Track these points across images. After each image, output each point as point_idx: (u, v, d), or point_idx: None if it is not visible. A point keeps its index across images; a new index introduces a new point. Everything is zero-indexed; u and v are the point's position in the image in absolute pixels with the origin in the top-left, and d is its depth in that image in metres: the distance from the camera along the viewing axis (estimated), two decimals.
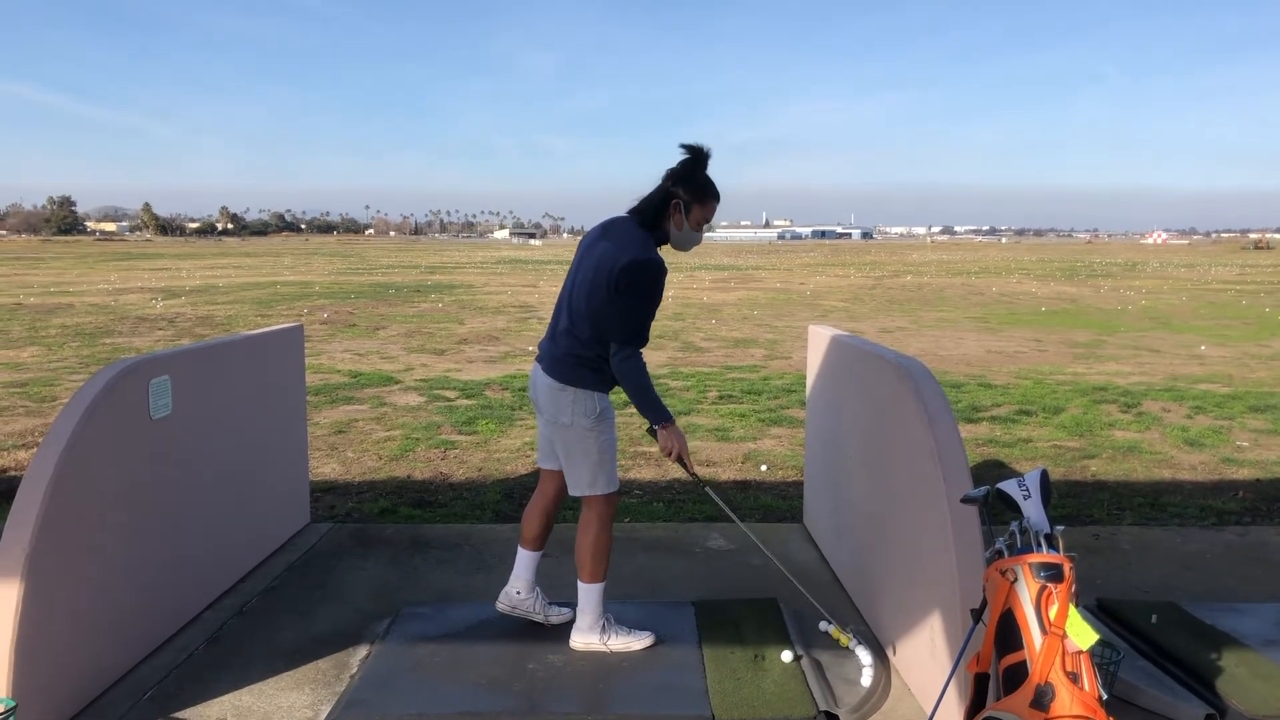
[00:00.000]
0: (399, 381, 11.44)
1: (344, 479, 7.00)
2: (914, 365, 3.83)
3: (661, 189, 3.70)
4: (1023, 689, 2.52)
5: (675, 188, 3.67)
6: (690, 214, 3.69)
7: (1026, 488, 2.85)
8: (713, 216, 3.76)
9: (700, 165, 3.69)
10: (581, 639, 3.91)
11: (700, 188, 3.69)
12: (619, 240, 3.65)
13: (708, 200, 3.71)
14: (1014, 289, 30.74)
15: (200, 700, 3.55)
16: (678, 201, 3.67)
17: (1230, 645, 3.87)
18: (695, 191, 3.68)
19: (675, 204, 3.67)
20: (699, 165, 3.69)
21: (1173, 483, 6.95)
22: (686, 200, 3.67)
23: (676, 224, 3.70)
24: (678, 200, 3.67)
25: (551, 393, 3.77)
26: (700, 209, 3.70)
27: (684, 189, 3.67)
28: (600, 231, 3.79)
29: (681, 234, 3.73)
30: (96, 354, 13.76)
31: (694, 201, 3.68)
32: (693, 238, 3.76)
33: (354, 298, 25.41)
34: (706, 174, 3.72)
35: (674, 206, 3.67)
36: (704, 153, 3.69)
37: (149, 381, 3.84)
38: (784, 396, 10.39)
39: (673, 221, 3.70)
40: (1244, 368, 12.86)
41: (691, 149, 3.68)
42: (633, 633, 3.93)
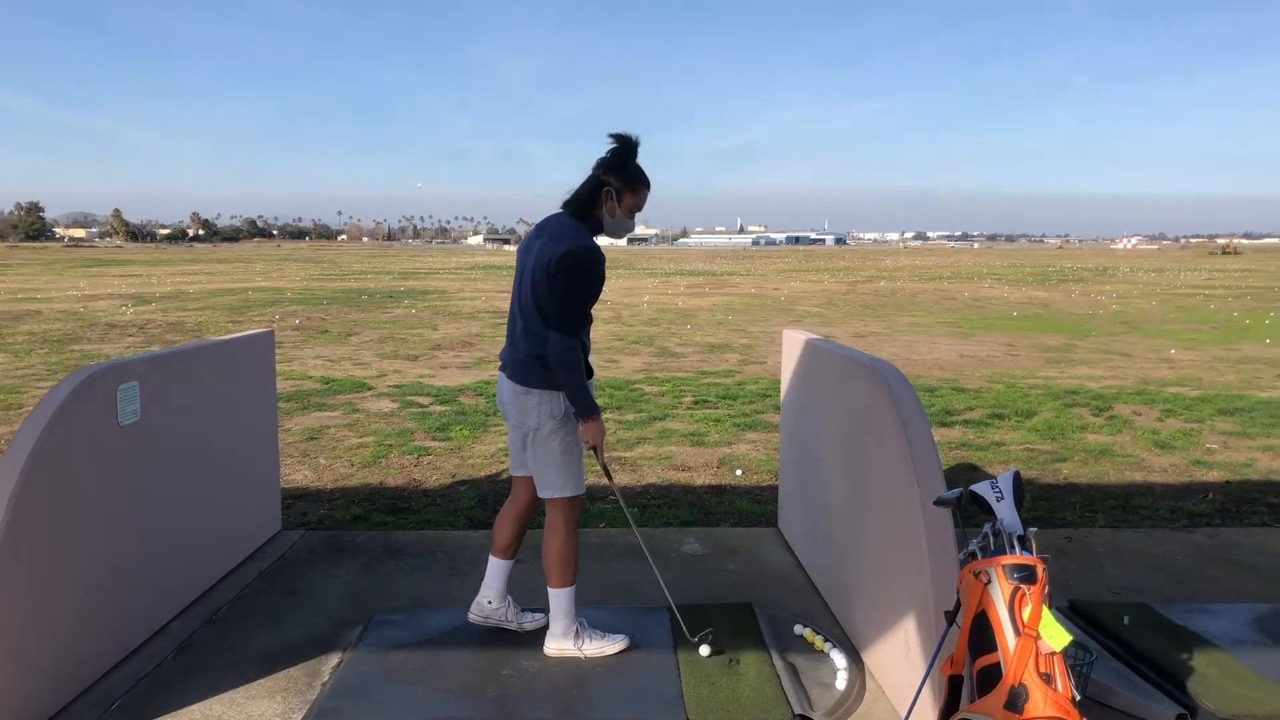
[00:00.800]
0: (372, 388, 11.37)
1: (316, 486, 6.94)
2: (888, 369, 3.84)
3: (592, 178, 3.75)
4: (997, 690, 2.52)
5: (606, 176, 3.73)
6: (622, 201, 3.75)
7: (999, 490, 2.86)
8: (644, 204, 3.81)
9: (630, 154, 3.75)
10: (556, 645, 3.89)
11: (631, 175, 3.74)
12: (554, 233, 3.70)
13: (639, 187, 3.77)
14: (986, 294, 30.95)
15: (170, 710, 3.50)
16: (609, 189, 3.72)
17: (1201, 646, 3.89)
18: (626, 179, 3.73)
19: (607, 191, 3.72)
20: (629, 154, 3.75)
21: (1144, 485, 7.00)
22: (618, 188, 3.73)
23: (609, 211, 3.75)
24: (609, 188, 3.72)
25: (516, 396, 3.78)
26: (632, 195, 3.76)
27: (615, 177, 3.72)
28: (536, 231, 3.83)
29: (614, 220, 3.78)
30: (65, 361, 13.61)
31: (625, 189, 3.74)
32: (625, 224, 3.81)
33: (326, 304, 25.27)
34: (636, 162, 3.78)
35: (605, 194, 3.73)
36: (633, 141, 3.74)
37: (117, 388, 3.79)
38: (759, 401, 10.40)
39: (605, 209, 3.75)
40: (1213, 371, 12.99)
41: (620, 138, 3.73)
42: (606, 636, 3.92)
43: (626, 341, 16.39)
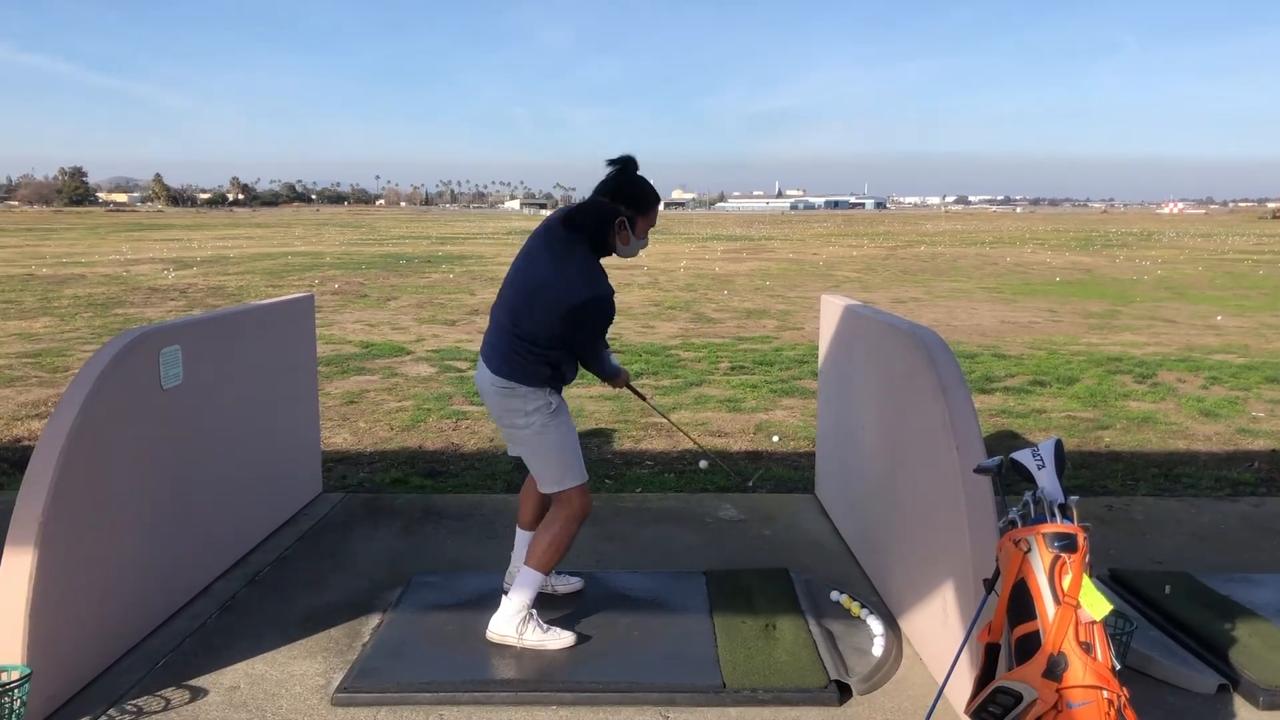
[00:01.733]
0: (410, 352, 11.45)
1: (356, 449, 7.01)
2: (928, 335, 3.80)
3: (599, 207, 3.59)
4: (1035, 658, 2.50)
5: (618, 205, 3.60)
6: (636, 227, 3.66)
7: (1041, 457, 2.82)
8: (656, 221, 3.73)
9: (633, 178, 3.64)
10: (497, 630, 3.69)
11: (642, 199, 3.65)
12: (563, 269, 3.55)
13: (650, 209, 3.69)
14: (1028, 259, 30.56)
15: (214, 668, 3.57)
16: (622, 220, 3.60)
17: (1244, 616, 3.85)
18: (638, 205, 3.63)
19: (620, 222, 3.60)
20: (632, 177, 3.65)
21: (1187, 453, 6.91)
22: (631, 216, 3.62)
23: (623, 239, 3.65)
24: (623, 219, 3.60)
25: (501, 395, 3.66)
26: (644, 219, 3.67)
27: (626, 205, 3.61)
28: (545, 239, 3.65)
29: (628, 246, 3.69)
30: (109, 324, 13.80)
31: (638, 215, 3.64)
32: (639, 245, 3.72)
33: (365, 268, 25.42)
34: (642, 181, 3.67)
35: (619, 225, 3.61)
36: (632, 163, 3.63)
37: (160, 351, 3.84)
38: (796, 367, 10.36)
39: (619, 238, 3.64)
40: (1260, 338, 12.77)
41: (619, 162, 3.62)
42: (551, 630, 3.71)
43: (663, 307, 16.36)
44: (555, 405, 3.69)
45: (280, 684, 3.46)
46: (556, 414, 3.69)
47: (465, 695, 3.35)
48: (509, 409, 3.67)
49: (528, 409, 3.64)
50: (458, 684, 3.40)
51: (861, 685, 3.43)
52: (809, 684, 3.39)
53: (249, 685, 3.45)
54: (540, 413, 3.65)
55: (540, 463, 3.75)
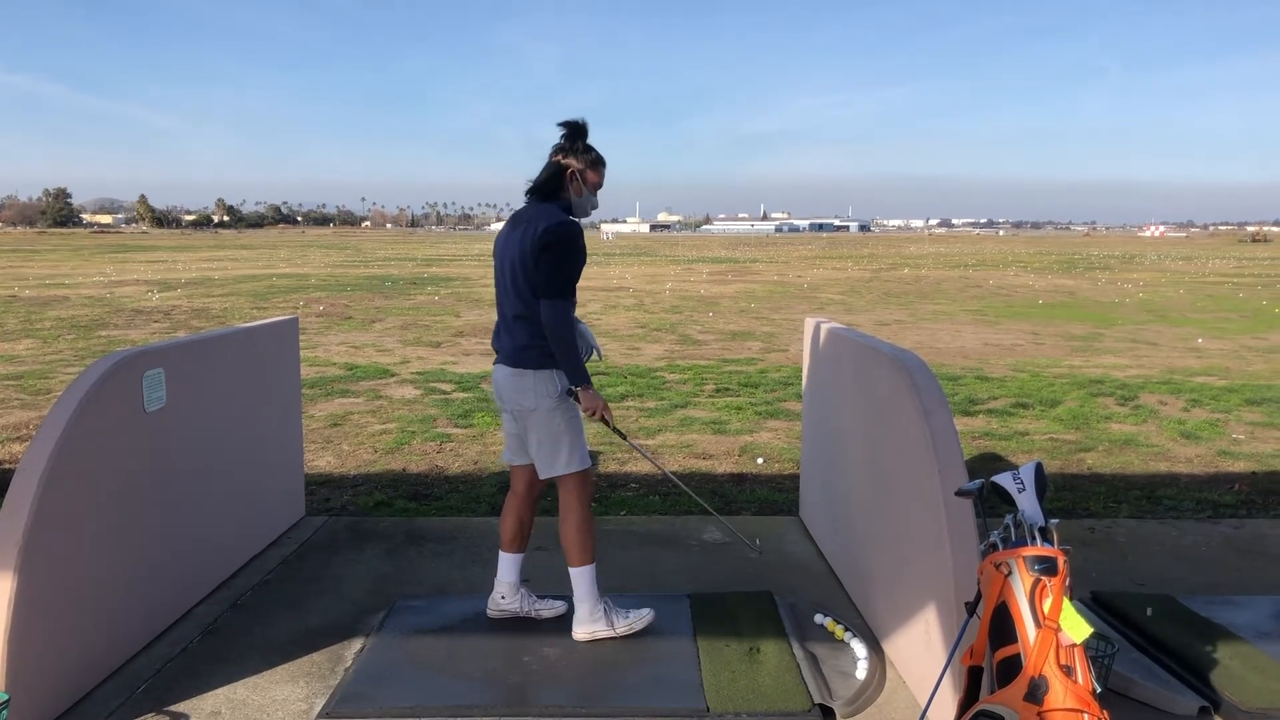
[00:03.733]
0: (395, 374, 11.43)
1: (339, 472, 6.99)
2: (909, 358, 3.82)
3: (552, 164, 3.87)
4: (1017, 682, 2.51)
5: (567, 160, 3.86)
6: (586, 180, 3.89)
7: (1021, 480, 2.84)
8: (603, 181, 3.96)
9: (583, 135, 3.90)
10: (585, 630, 3.92)
11: (589, 155, 3.89)
12: (531, 219, 3.79)
13: (598, 165, 3.92)
14: (1011, 281, 30.74)
15: (195, 694, 3.54)
16: (573, 171, 3.85)
17: (1225, 638, 3.87)
18: (587, 160, 3.88)
19: (571, 174, 3.86)
20: (581, 135, 3.89)
21: (1169, 475, 6.95)
22: (580, 169, 3.87)
23: (575, 191, 3.89)
24: (572, 170, 3.85)
25: (512, 380, 3.84)
26: (594, 174, 3.91)
27: (575, 159, 3.86)
28: (512, 224, 3.91)
29: (581, 200, 3.91)
30: (92, 347, 13.74)
31: (587, 168, 3.88)
32: (591, 201, 3.95)
33: (350, 290, 25.38)
34: (589, 143, 3.92)
35: (570, 176, 3.86)
36: (582, 125, 3.89)
37: (143, 374, 3.83)
38: (781, 389, 10.38)
39: (571, 189, 3.88)
40: (1241, 360, 12.87)
41: (570, 124, 3.88)
42: (631, 612, 3.98)
43: (649, 329, 16.38)
44: (562, 388, 3.83)
45: (262, 709, 3.44)
46: (564, 398, 3.84)
47: None
48: (519, 390, 3.83)
49: (538, 390, 3.80)
50: (441, 708, 3.39)
51: (845, 709, 3.43)
52: (792, 708, 3.39)
53: (230, 711, 3.43)
54: (549, 395, 3.81)
55: (548, 444, 3.86)
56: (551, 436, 3.85)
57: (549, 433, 3.85)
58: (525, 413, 3.85)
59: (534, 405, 3.81)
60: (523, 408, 3.84)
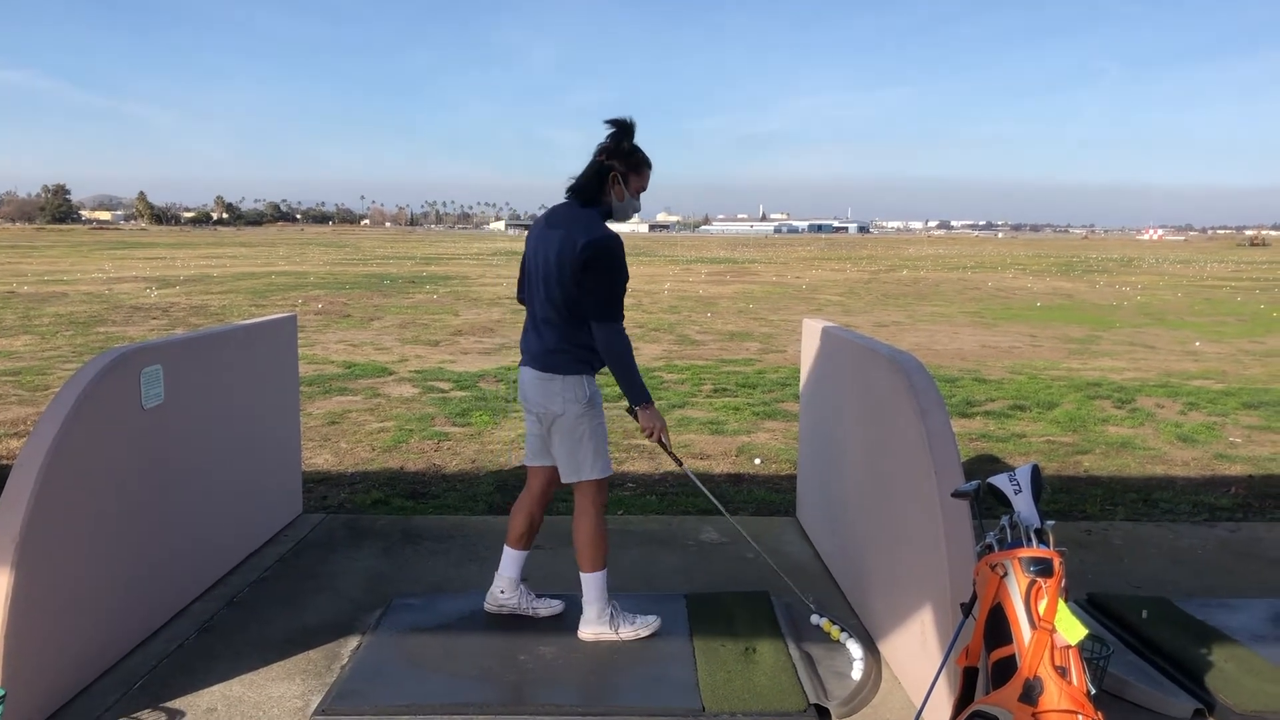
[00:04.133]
0: (393, 373, 11.43)
1: (337, 470, 6.99)
2: (907, 359, 3.83)
3: (596, 164, 3.78)
4: (1011, 683, 2.52)
5: (611, 161, 3.77)
6: (629, 184, 3.81)
7: (1018, 482, 2.85)
8: (647, 183, 3.88)
9: (629, 136, 3.80)
10: (591, 630, 3.92)
11: (634, 158, 3.80)
12: (569, 225, 3.72)
13: (642, 168, 3.83)
14: (1010, 284, 30.76)
15: (191, 690, 3.54)
16: (615, 174, 3.77)
17: (1220, 641, 3.87)
18: (631, 162, 3.79)
19: (614, 176, 3.77)
20: (628, 136, 3.80)
21: (1165, 479, 6.96)
22: (623, 171, 3.78)
23: (617, 195, 3.81)
24: (615, 173, 3.77)
25: (540, 383, 3.81)
26: (636, 177, 3.83)
27: (619, 161, 3.77)
28: (545, 221, 3.84)
29: (623, 204, 3.83)
30: (90, 343, 13.73)
31: (630, 171, 3.80)
32: (633, 205, 3.88)
33: (349, 288, 25.38)
34: (635, 144, 3.83)
35: (613, 179, 3.77)
36: (630, 124, 3.79)
37: (141, 371, 3.83)
38: (778, 390, 10.39)
39: (613, 193, 3.80)
40: (1238, 364, 12.89)
41: (617, 122, 3.78)
42: (639, 618, 3.96)
43: (647, 329, 16.39)
44: (590, 395, 3.81)
45: (258, 706, 3.45)
46: (591, 404, 3.82)
47: (444, 718, 3.34)
48: (548, 394, 3.79)
49: (567, 396, 3.77)
50: (437, 706, 3.40)
51: (841, 709, 3.44)
52: (788, 708, 3.39)
53: (226, 707, 3.43)
54: (578, 401, 3.78)
55: (570, 451, 3.83)
56: (576, 442, 3.82)
57: (574, 438, 3.81)
58: (552, 417, 3.81)
59: (561, 410, 3.78)
60: (549, 412, 3.81)
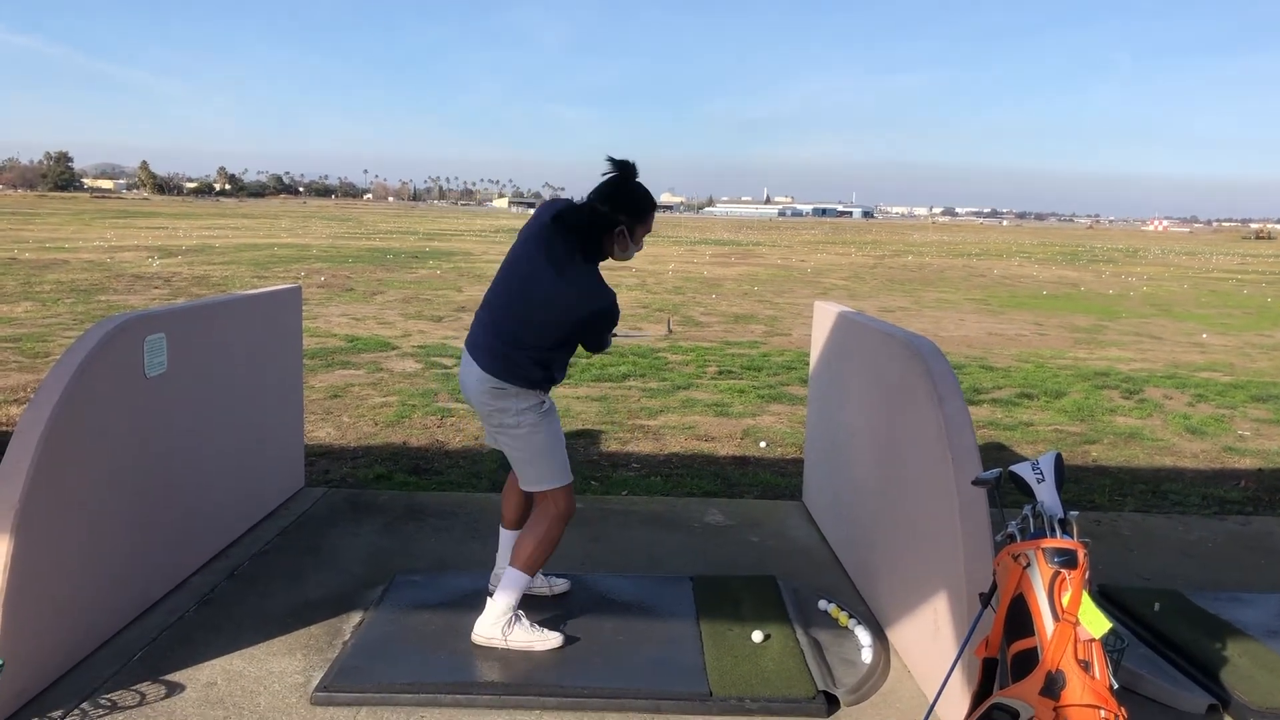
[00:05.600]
0: (396, 347, 11.37)
1: (339, 444, 6.94)
2: (924, 344, 3.76)
3: (598, 215, 3.53)
4: (1033, 675, 2.46)
5: (617, 215, 3.54)
6: (634, 234, 3.63)
7: (1040, 471, 2.78)
8: (651, 227, 3.68)
9: (632, 186, 3.59)
10: (483, 632, 3.64)
11: (639, 208, 3.60)
12: (568, 284, 3.48)
13: (647, 216, 3.64)
14: (1015, 271, 30.66)
15: (190, 663, 3.49)
16: (621, 229, 3.56)
17: (1233, 635, 3.82)
18: (637, 213, 3.59)
19: (620, 231, 3.56)
20: (630, 184, 3.59)
21: (1174, 470, 6.90)
22: (629, 223, 3.58)
23: (621, 246, 3.60)
24: (621, 228, 3.56)
25: (491, 393, 3.57)
26: (641, 226, 3.63)
27: (625, 215, 3.56)
28: (542, 251, 3.53)
29: (625, 252, 3.65)
30: (91, 311, 13.67)
31: (637, 223, 3.61)
32: (635, 251, 3.69)
33: (351, 262, 25.28)
34: (640, 188, 3.61)
35: (618, 234, 3.57)
36: (632, 168, 3.58)
37: (144, 339, 3.76)
38: (784, 373, 10.32)
39: (617, 245, 3.60)
40: (1245, 357, 12.82)
41: (620, 166, 3.56)
42: (538, 631, 3.67)
43: (651, 309, 16.31)
44: (546, 405, 3.66)
45: (259, 681, 3.40)
46: (547, 414, 3.66)
47: (447, 697, 3.29)
48: (499, 409, 3.59)
49: (520, 408, 3.58)
50: (440, 685, 3.34)
51: (849, 697, 3.39)
52: (796, 694, 3.34)
53: (226, 682, 3.38)
54: (532, 412, 3.60)
55: (528, 463, 3.68)
56: (533, 454, 3.65)
57: (531, 451, 3.64)
58: (504, 429, 3.63)
59: (515, 423, 3.59)
60: (502, 425, 3.62)
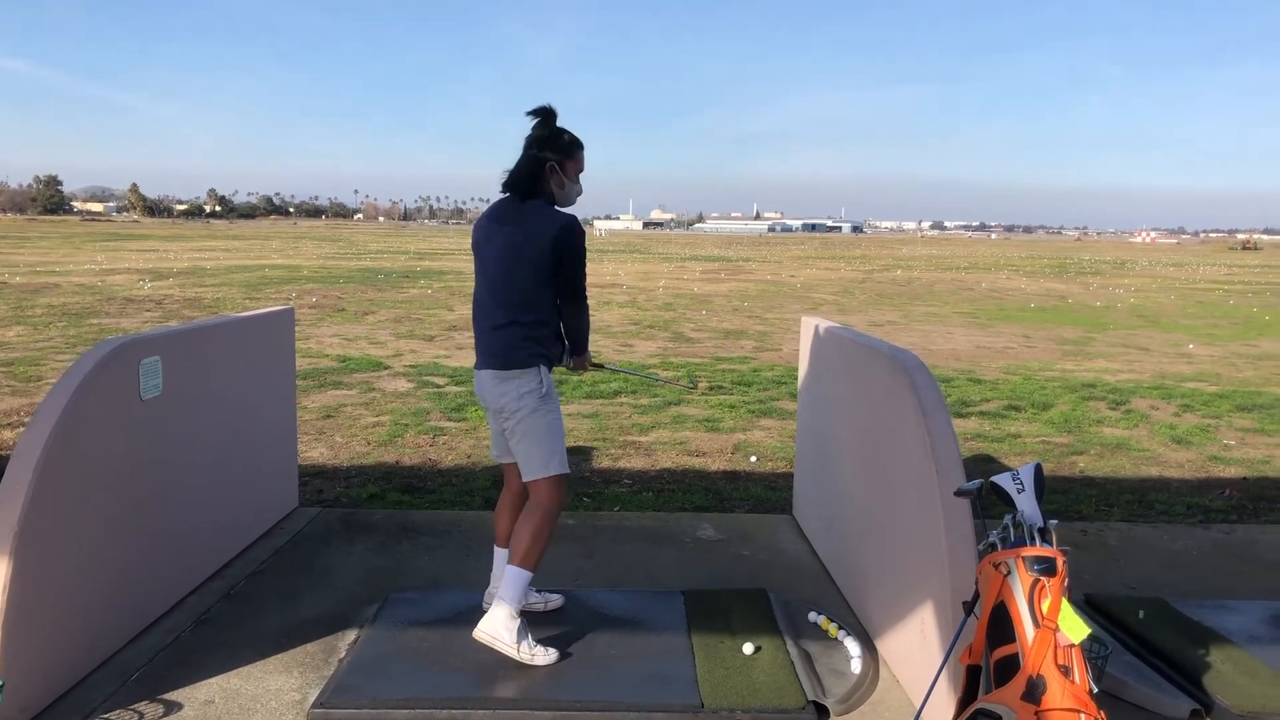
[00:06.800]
0: (388, 367, 11.41)
1: (332, 463, 6.98)
2: (908, 358, 3.83)
3: (529, 158, 3.73)
4: (1014, 681, 2.52)
5: (544, 153, 3.72)
6: (566, 170, 3.77)
7: (1021, 481, 2.85)
8: (583, 165, 3.83)
9: (553, 122, 3.75)
10: (488, 632, 3.66)
11: (564, 143, 3.76)
12: (527, 219, 3.70)
13: (575, 151, 3.79)
14: (1003, 285, 30.81)
15: (188, 682, 3.53)
16: (551, 164, 3.72)
17: (1217, 642, 3.88)
18: (562, 148, 3.75)
19: (550, 167, 3.73)
20: (551, 123, 3.75)
21: (1160, 480, 6.98)
22: (558, 160, 3.74)
23: (557, 184, 3.76)
24: (551, 163, 3.72)
25: (496, 382, 3.75)
26: (572, 162, 3.78)
27: (551, 150, 3.73)
28: (491, 218, 3.82)
29: (564, 191, 3.80)
30: (83, 334, 13.68)
31: (565, 158, 3.76)
32: (574, 191, 3.83)
33: (342, 282, 25.32)
34: (563, 128, 3.77)
35: (549, 170, 3.73)
36: (551, 110, 3.75)
37: (140, 362, 3.81)
38: (774, 388, 10.39)
39: (553, 183, 3.76)
40: (1231, 367, 12.92)
41: (539, 112, 3.74)
42: (538, 647, 3.70)
43: (642, 326, 16.38)
44: (547, 388, 3.77)
45: (255, 699, 3.44)
46: (547, 398, 3.77)
47: (443, 713, 3.34)
48: (503, 392, 3.74)
49: (522, 390, 3.72)
50: (435, 700, 3.39)
51: (839, 706, 3.44)
52: (787, 705, 3.39)
53: (224, 700, 3.42)
54: (533, 395, 3.72)
55: (530, 445, 3.76)
56: (534, 439, 3.74)
57: (532, 436, 3.74)
58: (509, 414, 3.75)
59: (517, 406, 3.72)
60: (506, 409, 3.74)
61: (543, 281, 3.69)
